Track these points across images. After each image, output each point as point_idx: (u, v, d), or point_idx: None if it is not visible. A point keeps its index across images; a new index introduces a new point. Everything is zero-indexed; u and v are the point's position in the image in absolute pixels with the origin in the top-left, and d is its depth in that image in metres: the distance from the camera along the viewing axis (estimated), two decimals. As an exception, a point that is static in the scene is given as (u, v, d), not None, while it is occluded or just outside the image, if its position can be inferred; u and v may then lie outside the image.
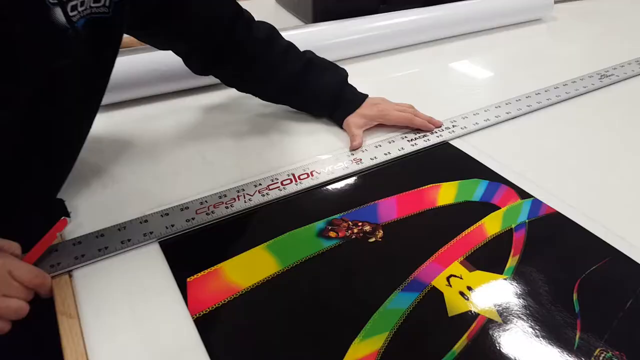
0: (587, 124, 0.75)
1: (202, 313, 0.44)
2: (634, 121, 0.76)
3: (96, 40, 0.49)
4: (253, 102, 0.76)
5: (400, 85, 0.87)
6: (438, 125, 0.71)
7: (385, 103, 0.72)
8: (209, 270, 0.48)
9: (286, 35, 0.71)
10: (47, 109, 0.47)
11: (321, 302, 0.46)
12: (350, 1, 1.03)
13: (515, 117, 0.75)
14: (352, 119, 0.70)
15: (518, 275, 0.49)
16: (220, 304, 0.45)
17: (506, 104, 0.78)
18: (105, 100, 0.74)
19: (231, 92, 0.79)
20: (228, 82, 0.72)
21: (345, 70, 0.73)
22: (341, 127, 0.71)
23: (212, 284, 0.47)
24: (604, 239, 0.53)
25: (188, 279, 0.47)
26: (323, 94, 0.71)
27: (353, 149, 0.66)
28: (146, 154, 0.66)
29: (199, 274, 0.48)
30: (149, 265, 0.49)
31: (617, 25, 1.16)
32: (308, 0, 1.03)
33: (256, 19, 0.68)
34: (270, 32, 0.68)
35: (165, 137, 0.69)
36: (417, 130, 0.70)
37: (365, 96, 0.72)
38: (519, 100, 0.79)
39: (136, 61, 0.74)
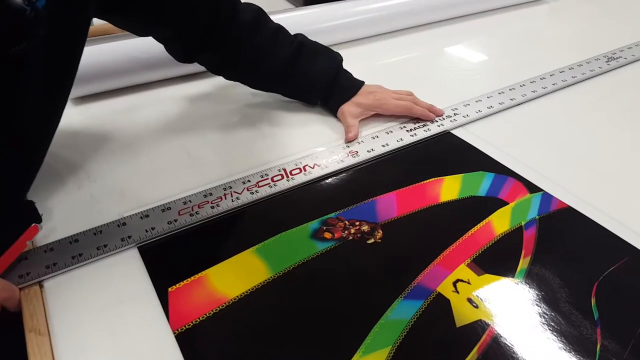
0: (597, 110, 0.71)
1: (184, 328, 0.40)
2: (645, 106, 0.72)
3: (60, 21, 0.44)
4: (241, 91, 0.71)
5: (396, 71, 0.82)
6: (439, 114, 0.67)
7: (383, 91, 0.68)
8: (192, 278, 0.44)
9: (276, 18, 0.66)
10: (6, 100, 0.42)
11: (316, 313, 0.42)
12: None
13: (520, 104, 0.71)
14: (348, 108, 0.65)
15: (530, 279, 0.45)
16: (205, 316, 0.41)
17: (510, 89, 0.74)
18: (82, 91, 0.70)
19: (218, 81, 0.74)
20: (213, 69, 0.67)
21: (340, 55, 0.68)
22: (335, 116, 0.67)
23: (195, 294, 0.43)
24: (621, 236, 0.49)
25: (170, 289, 0.43)
26: (316, 79, 0.66)
27: (348, 140, 0.62)
28: (125, 150, 0.61)
29: (182, 283, 0.44)
30: (127, 274, 0.45)
31: (621, 5, 1.12)
32: (298, -19, 0.98)
33: (243, 1, 0.63)
34: (257, 15, 0.63)
35: (146, 131, 0.65)
36: (416, 119, 0.66)
37: (361, 83, 0.68)
38: (523, 85, 0.75)
39: (114, 49, 0.69)
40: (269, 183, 0.55)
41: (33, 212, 0.50)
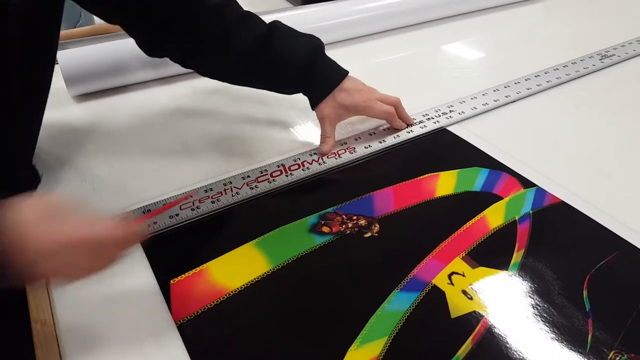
0: (590, 107, 0.72)
1: (186, 319, 0.41)
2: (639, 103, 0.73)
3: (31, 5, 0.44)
4: (240, 88, 0.72)
5: (393, 69, 0.83)
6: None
7: (369, 92, 0.62)
8: (193, 271, 0.45)
9: (274, 17, 0.66)
10: None
11: (314, 304, 0.43)
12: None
13: (515, 101, 0.72)
14: (327, 110, 0.60)
15: (524, 272, 0.46)
16: (206, 308, 0.42)
17: (505, 87, 0.75)
18: (84, 89, 0.71)
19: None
20: (180, 60, 0.61)
21: (321, 40, 0.61)
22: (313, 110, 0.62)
23: (197, 286, 0.44)
24: (613, 230, 0.50)
25: (172, 281, 0.44)
26: (291, 62, 0.58)
27: (322, 154, 0.59)
28: (126, 146, 0.62)
29: (184, 276, 0.45)
30: (130, 267, 0.46)
31: (615, 3, 1.12)
32: (296, -20, 0.98)
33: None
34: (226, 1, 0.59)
35: (147, 128, 0.65)
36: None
37: (345, 72, 0.61)
38: (518, 83, 0.76)
39: (115, 47, 0.70)
40: (268, 178, 0.56)
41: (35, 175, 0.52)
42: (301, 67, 0.58)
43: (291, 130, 0.66)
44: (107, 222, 0.36)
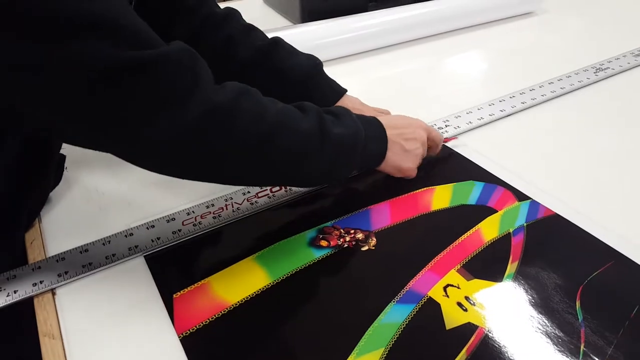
0: (584, 120, 0.73)
1: (188, 332, 0.42)
2: (633, 116, 0.74)
3: None
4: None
5: (390, 84, 0.85)
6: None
7: (367, 110, 0.65)
8: (196, 285, 0.47)
9: (274, 35, 0.69)
10: None
11: (312, 317, 0.44)
12: (338, 0, 1.01)
13: (510, 115, 0.74)
14: None
15: (518, 283, 0.47)
16: (208, 321, 0.43)
17: (500, 101, 0.77)
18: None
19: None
20: None
21: (320, 60, 0.65)
22: None
23: (199, 300, 0.45)
24: (606, 241, 0.51)
25: (174, 295, 0.46)
26: (289, 77, 0.60)
27: None
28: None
29: (186, 290, 0.46)
30: (134, 281, 0.48)
31: (609, 16, 1.14)
32: (296, 0, 1.01)
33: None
34: (229, 10, 0.61)
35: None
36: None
37: (343, 91, 0.65)
38: (513, 97, 0.78)
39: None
40: (268, 194, 0.57)
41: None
42: (299, 83, 0.60)
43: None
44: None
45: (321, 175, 0.51)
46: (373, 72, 0.90)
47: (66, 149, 0.56)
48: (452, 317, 0.44)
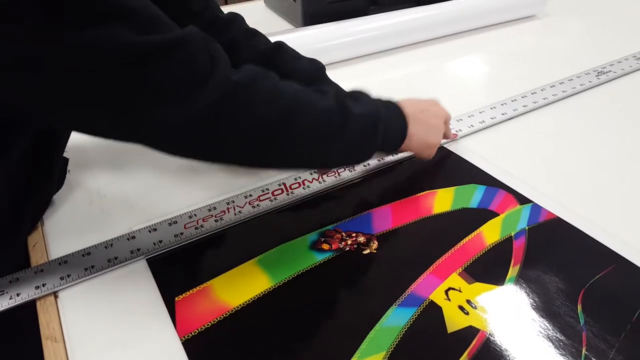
0: (586, 123, 0.73)
1: (190, 335, 0.42)
2: (635, 119, 0.74)
3: None
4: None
5: (392, 87, 0.84)
6: None
7: None
8: (197, 288, 0.47)
9: (276, 39, 0.69)
10: None
11: (314, 320, 0.44)
12: (340, 3, 1.01)
13: (512, 118, 0.74)
14: None
15: (519, 287, 0.47)
16: (210, 324, 0.43)
17: (502, 104, 0.77)
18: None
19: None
20: None
21: (322, 64, 0.65)
22: None
23: (201, 303, 0.45)
24: (608, 245, 0.51)
25: (176, 298, 0.46)
26: (296, 77, 0.60)
27: (322, 173, 0.61)
28: (133, 166, 0.64)
29: (188, 293, 0.46)
30: (137, 285, 0.48)
31: (611, 19, 1.14)
32: (297, 3, 1.01)
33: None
34: (232, 15, 0.63)
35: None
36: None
37: None
38: (515, 100, 0.78)
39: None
40: (270, 197, 0.57)
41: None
42: (305, 80, 0.60)
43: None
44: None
45: (344, 156, 0.51)
46: (375, 75, 0.90)
47: (68, 152, 0.57)
48: (454, 321, 0.44)
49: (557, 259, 0.50)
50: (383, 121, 0.51)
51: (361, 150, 0.52)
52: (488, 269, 0.49)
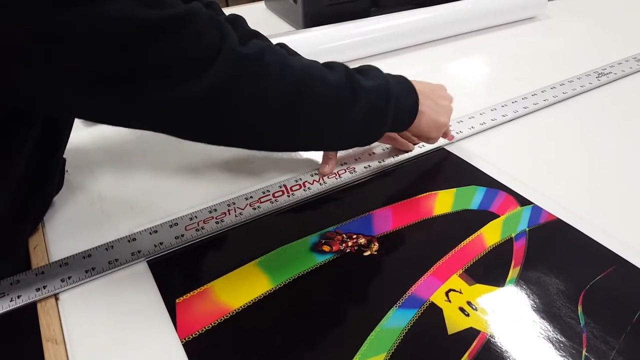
0: (586, 125, 0.73)
1: (191, 337, 0.43)
2: (635, 120, 0.74)
3: None
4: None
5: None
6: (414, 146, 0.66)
7: None
8: (198, 290, 0.47)
9: (277, 41, 0.69)
10: None
11: (315, 322, 0.44)
12: (341, 5, 1.01)
13: (512, 120, 0.74)
14: None
15: (520, 288, 0.47)
16: (210, 326, 0.43)
17: (502, 106, 0.77)
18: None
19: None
20: None
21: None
22: None
23: (201, 304, 0.45)
24: (608, 246, 0.51)
25: (177, 300, 0.46)
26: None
27: (323, 175, 0.61)
28: (134, 168, 0.64)
29: (189, 295, 0.46)
30: (137, 286, 0.48)
31: (612, 21, 1.15)
32: (298, 5, 1.01)
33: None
34: (234, 16, 0.62)
35: (154, 150, 0.68)
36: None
37: None
38: (515, 102, 0.78)
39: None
40: (270, 199, 0.57)
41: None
42: None
43: (293, 152, 0.67)
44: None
45: (356, 133, 0.50)
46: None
47: (66, 154, 0.57)
48: (454, 322, 0.44)
49: (557, 261, 0.50)
50: (394, 96, 0.51)
51: (373, 126, 0.51)
52: (488, 270, 0.49)
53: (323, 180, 0.60)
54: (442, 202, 0.57)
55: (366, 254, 0.51)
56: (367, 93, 0.48)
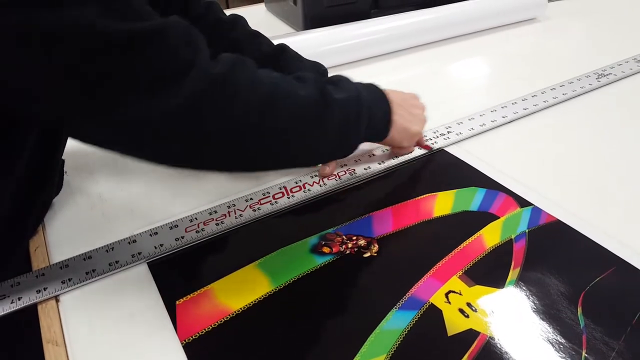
0: (586, 126, 0.73)
1: (191, 338, 0.43)
2: (635, 121, 0.74)
3: None
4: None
5: (394, 91, 0.85)
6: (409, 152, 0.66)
7: None
8: (198, 291, 0.47)
9: (276, 42, 0.69)
10: None
11: (314, 323, 0.44)
12: (341, 7, 1.01)
13: (512, 121, 0.74)
14: None
15: (519, 289, 0.47)
16: (210, 327, 0.44)
17: (502, 107, 0.77)
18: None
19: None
20: None
21: (325, 67, 0.66)
22: None
23: (202, 306, 0.45)
24: (608, 248, 0.51)
25: (177, 302, 0.46)
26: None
27: (323, 176, 0.61)
28: (134, 170, 0.64)
29: (189, 296, 0.46)
30: (138, 288, 0.48)
31: (612, 22, 1.15)
32: (298, 6, 1.01)
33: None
34: (235, 16, 0.63)
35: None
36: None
37: None
38: (515, 103, 0.78)
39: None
40: (271, 201, 0.57)
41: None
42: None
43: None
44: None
45: (329, 147, 0.50)
46: (376, 78, 0.88)
47: (66, 156, 0.57)
48: (454, 324, 0.44)
49: (557, 262, 0.50)
50: (366, 107, 0.51)
51: (347, 139, 0.51)
52: (488, 271, 0.49)
53: (323, 182, 0.61)
54: (442, 203, 0.57)
55: (366, 255, 0.51)
56: (338, 105, 0.48)
